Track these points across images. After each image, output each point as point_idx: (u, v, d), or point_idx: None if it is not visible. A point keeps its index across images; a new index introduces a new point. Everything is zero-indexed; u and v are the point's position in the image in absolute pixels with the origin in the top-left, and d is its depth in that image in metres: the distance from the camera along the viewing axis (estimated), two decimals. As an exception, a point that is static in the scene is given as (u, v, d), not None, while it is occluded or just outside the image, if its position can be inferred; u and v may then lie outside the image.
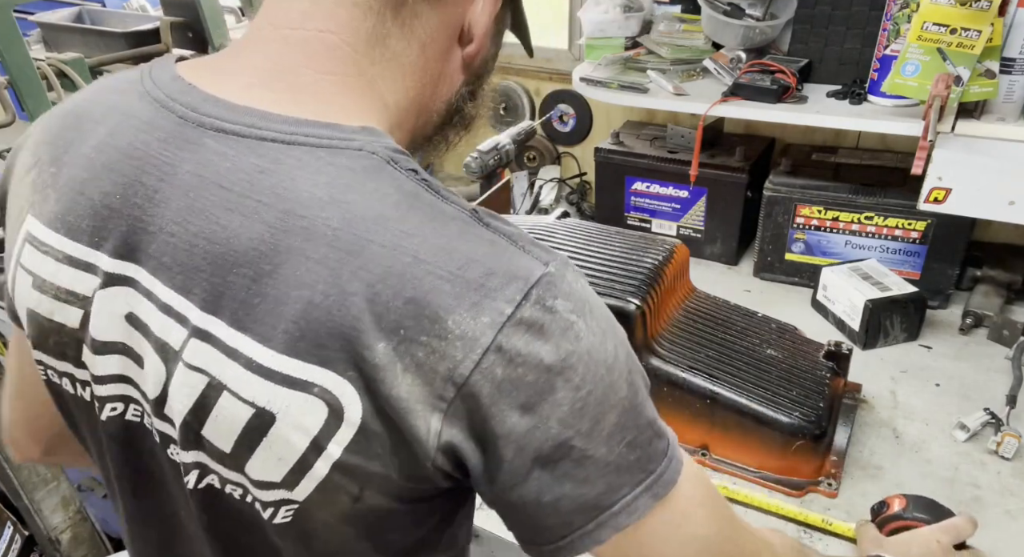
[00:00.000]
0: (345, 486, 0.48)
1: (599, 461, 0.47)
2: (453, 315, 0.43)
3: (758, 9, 1.39)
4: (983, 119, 1.10)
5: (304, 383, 0.45)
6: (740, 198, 1.49)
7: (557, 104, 1.83)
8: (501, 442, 0.45)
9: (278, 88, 0.51)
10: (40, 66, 1.61)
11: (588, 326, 0.46)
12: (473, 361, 0.44)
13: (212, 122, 0.49)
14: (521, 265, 0.45)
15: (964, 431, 1.07)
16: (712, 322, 1.13)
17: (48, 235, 0.53)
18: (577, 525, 0.49)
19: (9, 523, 1.50)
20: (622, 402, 0.48)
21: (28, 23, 2.19)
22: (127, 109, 0.53)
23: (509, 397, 0.44)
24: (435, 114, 0.60)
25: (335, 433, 0.46)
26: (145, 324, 0.50)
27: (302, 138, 0.48)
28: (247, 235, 0.46)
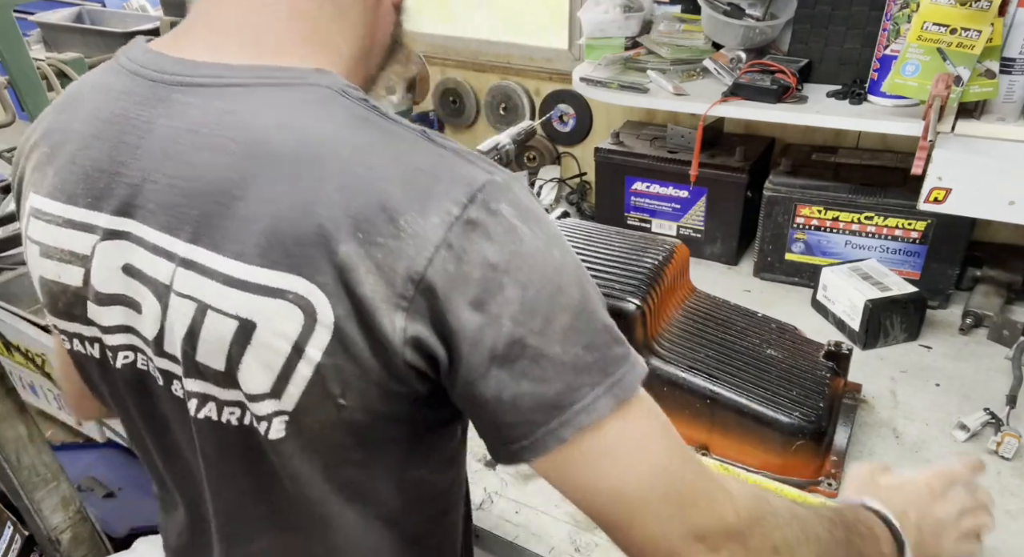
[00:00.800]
0: (329, 389, 0.51)
1: (555, 360, 0.50)
2: (405, 216, 0.47)
3: (758, 9, 1.39)
4: (983, 119, 1.10)
5: (279, 291, 0.49)
6: (740, 198, 1.49)
7: (557, 104, 1.83)
8: (457, 338, 0.49)
9: (237, 44, 0.55)
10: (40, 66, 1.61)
11: (532, 231, 0.50)
12: (426, 258, 0.47)
13: (180, 79, 0.54)
14: (467, 172, 0.50)
15: (964, 431, 1.07)
16: (712, 322, 1.13)
17: (48, 204, 0.58)
18: (540, 423, 0.51)
19: (9, 523, 1.50)
20: (573, 305, 0.50)
21: (28, 23, 2.19)
22: (107, 85, 0.58)
23: (460, 292, 0.48)
24: (378, 54, 0.66)
25: (312, 336, 0.49)
26: (140, 270, 0.55)
27: (262, 80, 0.52)
28: (217, 168, 0.51)
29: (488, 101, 1.95)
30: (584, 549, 0.94)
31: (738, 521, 0.55)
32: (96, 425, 1.79)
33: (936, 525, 0.73)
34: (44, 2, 2.41)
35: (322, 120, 0.51)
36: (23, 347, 1.58)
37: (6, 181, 1.85)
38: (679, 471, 0.54)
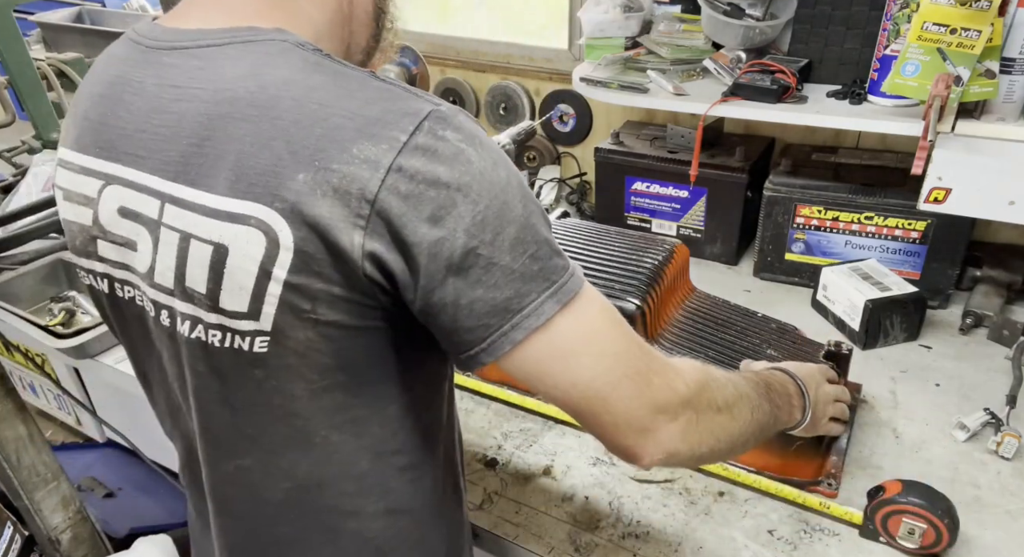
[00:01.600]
0: (299, 305, 0.57)
1: (505, 268, 0.56)
2: (357, 144, 0.53)
3: (758, 9, 1.39)
4: (983, 119, 1.10)
5: (243, 216, 0.55)
6: (740, 198, 1.49)
7: (557, 104, 1.83)
8: (415, 250, 0.54)
9: (216, 14, 0.62)
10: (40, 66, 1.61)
11: (478, 153, 0.55)
12: (379, 179, 0.52)
13: (168, 44, 0.62)
14: (413, 104, 0.55)
15: (964, 431, 1.07)
16: (712, 322, 1.13)
17: (68, 154, 0.67)
18: (494, 327, 0.57)
19: (9, 523, 1.50)
20: (518, 218, 0.56)
21: (28, 23, 2.20)
22: (114, 53, 0.67)
23: (416, 209, 0.53)
24: (360, 23, 0.70)
25: (277, 257, 0.55)
26: (134, 210, 0.62)
27: (229, 40, 0.59)
28: (191, 114, 0.58)
29: (488, 101, 1.95)
30: (584, 549, 0.94)
31: (688, 390, 0.64)
32: (96, 425, 1.79)
33: (824, 399, 0.91)
34: (44, 2, 2.41)
35: (279, 68, 0.57)
36: (23, 347, 1.58)
37: (6, 181, 1.85)
38: (634, 354, 0.62)
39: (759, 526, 0.96)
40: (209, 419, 0.68)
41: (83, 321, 1.48)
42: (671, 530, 0.96)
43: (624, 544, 0.94)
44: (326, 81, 0.56)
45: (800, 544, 0.93)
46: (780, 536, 0.95)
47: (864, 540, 0.93)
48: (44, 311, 1.53)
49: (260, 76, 0.56)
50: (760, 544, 0.94)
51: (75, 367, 1.59)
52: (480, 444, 1.12)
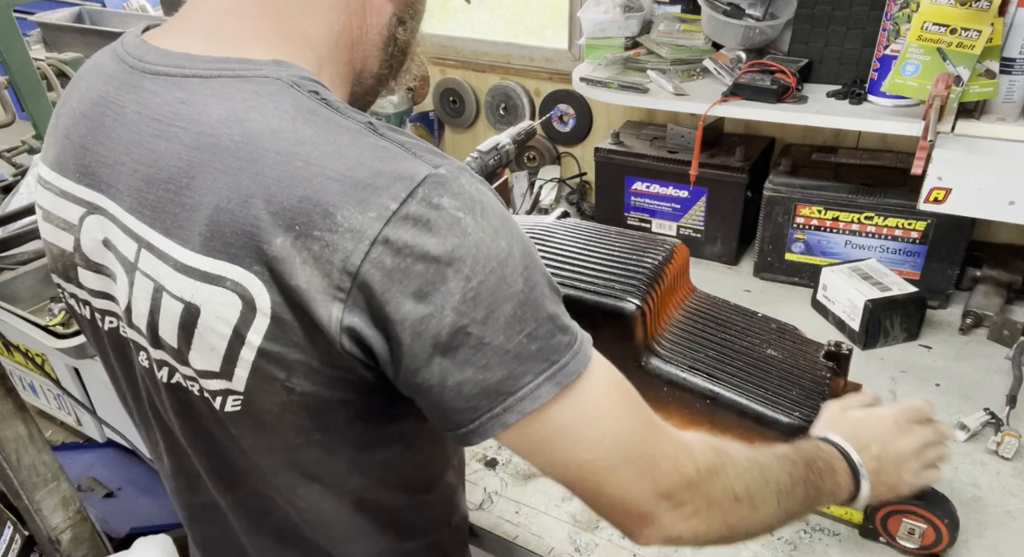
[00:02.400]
0: (274, 373, 0.53)
1: (498, 349, 0.51)
2: (342, 210, 0.48)
3: (758, 9, 1.39)
4: (983, 119, 1.10)
5: (218, 278, 0.51)
6: (740, 198, 1.49)
7: (557, 104, 1.83)
8: (398, 328, 0.50)
9: (206, 34, 0.58)
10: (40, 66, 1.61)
11: (477, 223, 0.50)
12: (363, 251, 0.48)
13: (151, 67, 0.57)
14: (408, 167, 0.50)
15: (964, 431, 1.07)
16: (712, 322, 1.13)
17: (49, 174, 0.63)
18: (484, 409, 0.52)
19: (9, 523, 1.50)
20: (517, 294, 0.51)
21: (28, 23, 2.20)
22: (101, 67, 0.62)
23: (401, 285, 0.49)
24: (373, 47, 0.65)
25: (252, 323, 0.52)
26: (115, 246, 0.58)
27: (217, 72, 0.54)
28: (170, 156, 0.53)
29: (488, 101, 1.95)
30: (584, 549, 0.94)
31: (699, 475, 0.59)
32: (96, 425, 1.79)
33: (897, 457, 0.77)
34: (44, 2, 2.41)
35: (267, 114, 0.52)
36: (23, 347, 1.58)
37: (6, 181, 1.85)
38: (638, 437, 0.57)
39: (759, 526, 0.96)
40: (201, 454, 0.66)
41: (83, 321, 1.48)
42: (671, 530, 0.96)
43: (624, 544, 0.94)
44: (316, 134, 0.51)
45: (800, 544, 0.93)
46: (780, 536, 0.95)
47: (864, 540, 0.93)
48: (44, 311, 1.53)
49: (246, 122, 0.51)
50: (760, 544, 0.94)
51: (75, 367, 1.59)
52: (482, 445, 1.11)
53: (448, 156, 0.53)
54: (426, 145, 0.53)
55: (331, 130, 0.51)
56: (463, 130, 2.06)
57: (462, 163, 0.53)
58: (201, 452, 0.66)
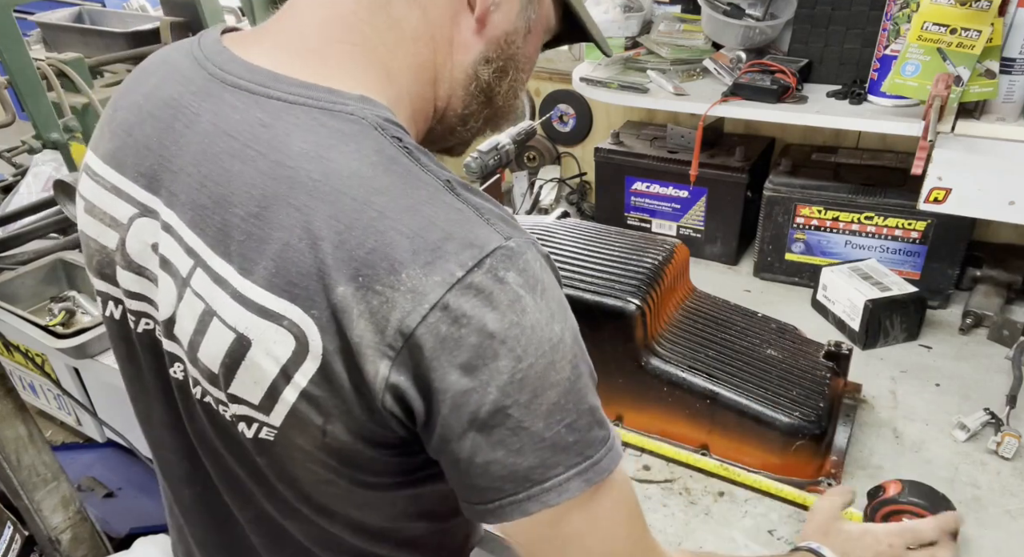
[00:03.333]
0: (312, 417, 0.53)
1: (535, 435, 0.50)
2: (408, 269, 0.47)
3: (758, 9, 1.39)
4: (983, 119, 1.10)
5: (276, 315, 0.50)
6: (740, 198, 1.49)
7: (557, 104, 1.83)
8: (439, 396, 0.49)
9: (292, 53, 0.56)
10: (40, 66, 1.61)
11: (536, 304, 0.49)
12: (420, 314, 0.47)
13: (232, 79, 0.55)
14: (480, 234, 0.49)
15: (964, 431, 1.07)
16: (712, 322, 1.13)
17: (101, 167, 0.61)
18: (507, 492, 0.51)
19: (9, 523, 1.50)
20: (563, 382, 0.50)
21: (28, 23, 2.20)
22: (175, 65, 0.60)
23: (451, 355, 0.48)
24: (457, 85, 0.62)
25: (301, 364, 0.51)
26: (166, 256, 0.56)
27: (303, 99, 0.53)
28: (243, 179, 0.51)
29: (488, 101, 1.95)
30: (584, 549, 0.94)
31: None
32: (96, 425, 1.79)
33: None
34: (44, 2, 2.41)
35: (348, 155, 0.50)
36: (23, 347, 1.58)
37: (6, 181, 1.85)
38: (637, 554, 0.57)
39: (759, 526, 0.96)
40: (221, 470, 0.66)
41: (83, 321, 1.48)
42: (671, 530, 0.96)
43: (624, 544, 0.94)
44: (394, 185, 0.49)
45: (800, 544, 0.93)
46: (780, 536, 0.95)
47: (864, 540, 0.93)
48: (44, 311, 1.53)
49: (327, 160, 0.50)
50: (760, 544, 0.93)
51: (75, 367, 1.59)
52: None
53: (518, 226, 0.52)
54: (499, 211, 0.52)
55: (410, 183, 0.50)
56: (463, 130, 2.06)
57: (531, 236, 0.52)
58: (221, 468, 0.65)
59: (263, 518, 0.67)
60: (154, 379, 0.66)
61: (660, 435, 1.08)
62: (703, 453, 1.05)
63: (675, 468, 1.06)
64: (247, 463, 0.61)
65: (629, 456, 1.08)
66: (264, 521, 0.67)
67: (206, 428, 0.62)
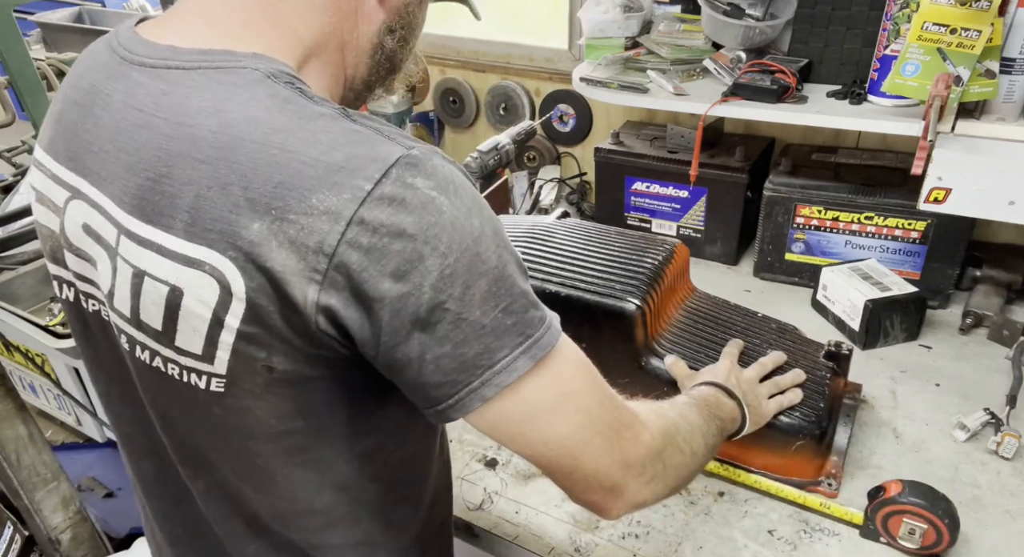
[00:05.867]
0: (254, 354, 0.55)
1: (475, 324, 0.53)
2: (317, 194, 0.49)
3: (758, 9, 1.39)
4: (983, 119, 1.10)
5: (198, 262, 0.53)
6: (740, 198, 1.49)
7: (557, 104, 1.83)
8: (377, 305, 0.51)
9: (195, 27, 0.59)
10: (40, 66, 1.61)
11: (451, 202, 0.52)
12: (339, 233, 0.49)
13: (139, 59, 0.59)
14: (382, 149, 0.51)
15: (964, 431, 1.07)
16: (712, 322, 1.13)
17: (42, 156, 0.65)
18: (463, 382, 0.54)
19: (9, 523, 1.50)
20: (492, 271, 0.53)
21: (28, 23, 2.20)
22: (95, 56, 0.64)
23: (379, 264, 0.50)
24: (363, 53, 0.66)
25: (229, 306, 0.53)
26: (95, 231, 0.60)
27: (198, 63, 0.56)
28: (150, 145, 0.55)
29: (488, 101, 1.95)
30: (584, 549, 0.94)
31: (655, 442, 0.64)
32: (96, 425, 1.79)
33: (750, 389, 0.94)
34: (44, 2, 2.41)
35: (244, 104, 0.53)
36: (23, 347, 1.58)
37: (6, 181, 1.85)
38: (604, 411, 0.60)
39: (759, 526, 0.96)
40: (177, 439, 0.67)
41: (83, 321, 1.48)
42: (671, 530, 0.96)
43: (624, 544, 0.94)
44: (290, 122, 0.52)
45: (800, 544, 0.93)
46: (780, 536, 0.95)
47: (864, 540, 0.93)
48: (44, 311, 1.53)
49: (224, 113, 0.53)
50: (760, 544, 0.94)
51: (75, 367, 1.59)
52: (480, 444, 1.12)
53: (421, 141, 0.54)
54: (399, 130, 0.54)
55: (305, 117, 0.53)
56: (463, 130, 2.06)
57: (436, 147, 0.54)
58: (177, 436, 0.66)
59: (215, 488, 0.68)
60: (108, 356, 0.68)
61: (660, 435, 1.08)
62: (703, 453, 1.05)
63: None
64: (204, 421, 0.62)
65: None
66: (216, 491, 0.68)
67: (159, 394, 0.64)
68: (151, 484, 0.76)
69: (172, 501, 0.74)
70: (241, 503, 0.67)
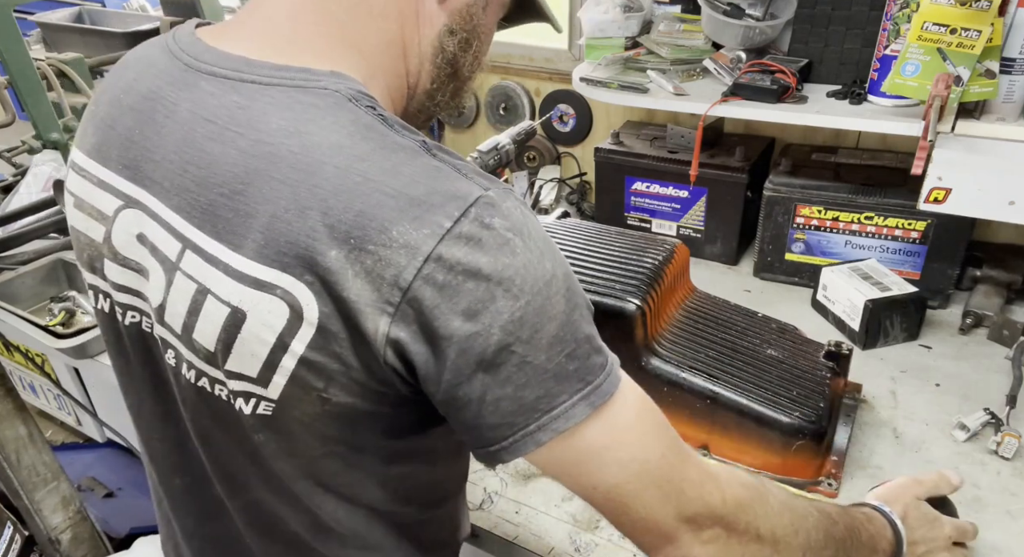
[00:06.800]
0: (312, 382, 0.54)
1: (538, 368, 0.52)
2: (397, 226, 0.49)
3: (758, 9, 1.39)
4: (983, 119, 1.10)
5: (269, 285, 0.52)
6: (740, 198, 1.49)
7: (557, 104, 1.83)
8: (445, 343, 0.51)
9: (264, 39, 0.58)
10: (40, 66, 1.61)
11: (525, 244, 0.51)
12: (416, 267, 0.49)
13: (207, 68, 0.57)
14: (462, 187, 0.51)
15: (964, 431, 1.07)
16: (712, 322, 1.13)
17: (86, 162, 0.63)
18: (519, 426, 0.53)
19: (9, 523, 1.49)
20: (560, 315, 0.53)
21: (28, 23, 2.20)
22: (151, 59, 0.62)
23: (451, 302, 0.50)
24: (425, 59, 0.64)
25: (297, 331, 0.52)
26: (152, 243, 0.58)
27: (277, 80, 0.55)
28: (225, 160, 0.53)
29: (488, 101, 1.95)
30: (584, 549, 0.94)
31: (724, 507, 0.59)
32: (96, 425, 1.79)
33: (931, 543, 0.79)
34: (44, 2, 2.41)
35: (325, 127, 0.52)
36: (23, 347, 1.58)
37: (6, 181, 1.85)
38: (667, 462, 0.58)
39: (759, 526, 0.96)
40: (214, 458, 0.67)
41: (83, 321, 1.48)
42: (671, 530, 0.96)
43: (624, 544, 0.94)
44: (374, 151, 0.51)
45: (800, 544, 0.93)
46: (780, 536, 0.95)
47: (864, 540, 0.93)
48: (44, 311, 1.53)
49: (305, 135, 0.52)
50: (760, 544, 0.93)
51: (75, 367, 1.59)
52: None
53: (495, 179, 0.54)
54: (475, 167, 0.54)
55: (388, 147, 0.52)
56: (463, 130, 2.06)
57: (507, 186, 0.54)
58: (215, 454, 0.66)
59: (254, 506, 0.68)
60: (143, 370, 0.68)
61: (660, 435, 1.08)
62: (703, 453, 1.05)
63: None
64: (244, 443, 0.62)
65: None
66: (255, 509, 0.68)
67: (201, 413, 0.63)
68: (180, 500, 0.76)
69: (205, 518, 0.74)
70: (279, 522, 0.67)
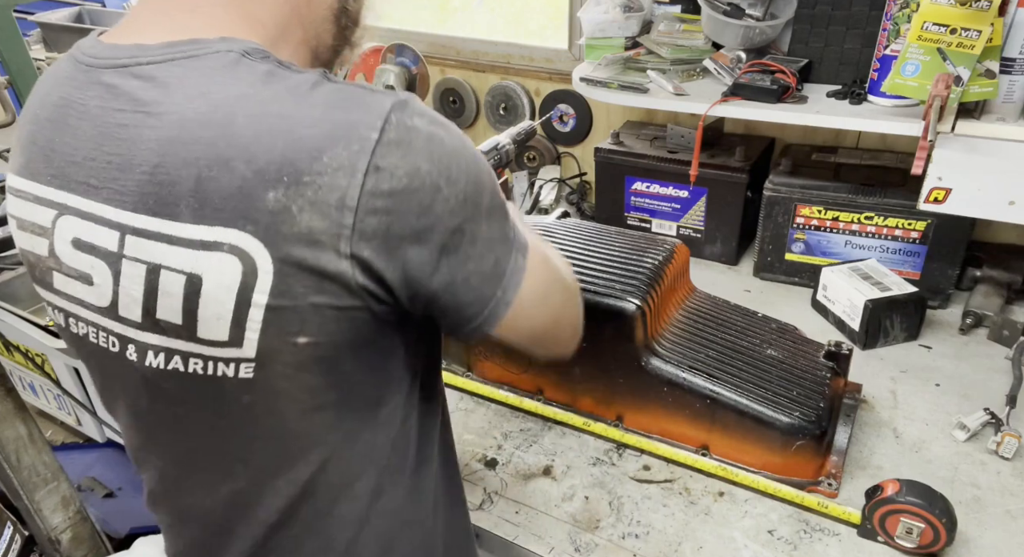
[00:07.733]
0: (285, 329, 0.55)
1: (484, 237, 0.58)
2: (327, 152, 0.51)
3: (758, 9, 1.39)
4: (983, 119, 1.10)
5: (215, 244, 0.52)
6: (740, 198, 1.49)
7: (557, 104, 1.83)
8: (406, 244, 0.54)
9: (159, 26, 0.59)
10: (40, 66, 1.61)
11: (447, 131, 0.56)
12: (359, 184, 0.51)
13: (106, 62, 0.59)
14: (373, 100, 0.54)
15: (964, 431, 1.07)
16: (712, 322, 1.13)
17: (19, 182, 0.63)
18: (489, 294, 0.59)
19: (9, 523, 1.49)
20: (488, 188, 0.58)
21: (28, 23, 2.20)
22: (59, 72, 0.63)
23: (403, 206, 0.52)
24: (324, 22, 0.67)
25: (255, 282, 0.53)
26: (88, 242, 0.59)
27: (170, 56, 0.56)
28: (140, 140, 0.55)
29: (488, 101, 1.95)
30: (584, 549, 0.94)
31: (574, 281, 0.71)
32: (96, 425, 1.79)
33: None
34: (44, 2, 2.41)
35: (226, 84, 0.54)
36: (23, 347, 1.58)
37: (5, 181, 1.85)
38: (566, 281, 0.68)
39: (759, 526, 0.96)
40: (195, 447, 0.66)
41: (83, 321, 1.48)
42: (671, 530, 0.96)
43: (624, 544, 0.94)
44: (279, 92, 0.53)
45: (800, 544, 0.93)
46: (780, 536, 0.95)
47: (864, 540, 0.93)
48: (44, 311, 1.53)
49: (209, 95, 0.53)
50: (760, 544, 0.94)
51: (75, 367, 1.59)
52: (480, 444, 1.12)
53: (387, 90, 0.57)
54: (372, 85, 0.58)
55: (292, 85, 0.54)
56: (463, 130, 2.05)
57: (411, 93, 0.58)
58: (197, 437, 0.66)
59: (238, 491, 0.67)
60: (107, 374, 0.68)
61: (660, 435, 1.08)
62: (703, 453, 1.05)
63: (675, 468, 1.06)
64: (231, 412, 0.62)
65: (629, 456, 1.08)
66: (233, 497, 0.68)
67: (179, 397, 0.62)
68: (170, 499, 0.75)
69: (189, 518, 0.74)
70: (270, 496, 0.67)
